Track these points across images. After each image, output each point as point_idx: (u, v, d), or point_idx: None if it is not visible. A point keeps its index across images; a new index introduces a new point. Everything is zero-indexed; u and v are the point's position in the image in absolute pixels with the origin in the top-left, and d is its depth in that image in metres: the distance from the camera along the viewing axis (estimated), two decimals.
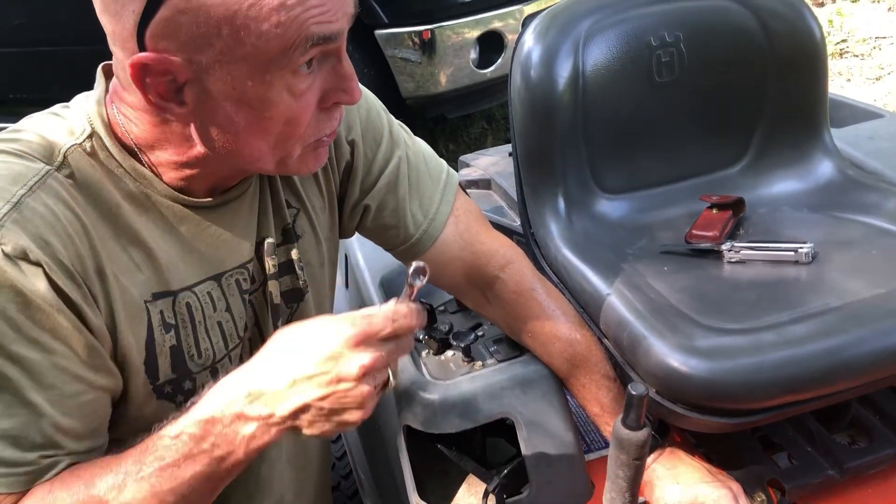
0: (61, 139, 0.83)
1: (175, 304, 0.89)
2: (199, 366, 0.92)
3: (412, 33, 3.33)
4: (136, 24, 0.73)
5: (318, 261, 1.06)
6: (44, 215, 0.77)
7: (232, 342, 0.95)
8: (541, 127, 1.29)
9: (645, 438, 0.85)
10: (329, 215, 1.06)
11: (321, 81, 0.81)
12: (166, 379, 0.89)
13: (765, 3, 1.33)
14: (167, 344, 0.88)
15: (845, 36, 4.72)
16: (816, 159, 1.37)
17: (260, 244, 0.97)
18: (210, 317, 0.93)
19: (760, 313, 1.05)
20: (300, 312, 1.04)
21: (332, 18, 0.76)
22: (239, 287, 0.95)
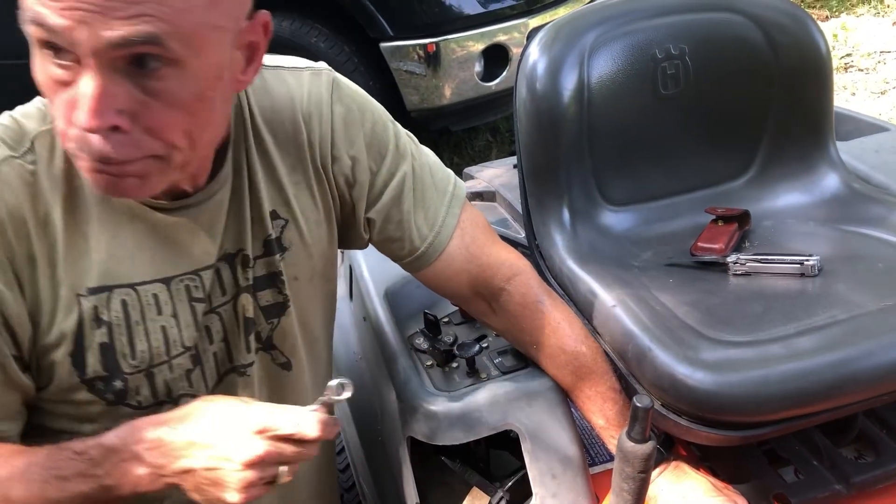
0: (33, 125, 0.86)
1: (110, 300, 0.89)
2: (133, 367, 0.91)
3: (417, 46, 3.34)
4: None
5: (307, 275, 1.04)
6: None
7: (175, 349, 0.93)
8: (546, 139, 1.29)
9: (650, 451, 0.84)
10: (326, 229, 1.04)
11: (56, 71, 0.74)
12: (95, 375, 0.89)
13: (771, 16, 1.34)
14: (97, 340, 0.89)
15: (850, 50, 4.72)
16: (822, 172, 1.36)
17: (234, 255, 0.96)
18: (152, 319, 0.91)
19: (766, 326, 1.05)
20: (282, 327, 1.02)
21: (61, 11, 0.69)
22: (188, 293, 0.93)
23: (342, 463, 1.62)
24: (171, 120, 0.77)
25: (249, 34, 0.82)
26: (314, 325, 1.08)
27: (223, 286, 0.96)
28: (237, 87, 0.86)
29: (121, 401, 0.92)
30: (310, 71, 1.02)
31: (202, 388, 0.98)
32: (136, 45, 0.71)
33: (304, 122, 0.99)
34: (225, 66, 0.80)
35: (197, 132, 0.81)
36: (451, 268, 1.10)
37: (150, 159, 0.79)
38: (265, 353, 1.02)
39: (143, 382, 0.92)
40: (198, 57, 0.75)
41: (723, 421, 0.99)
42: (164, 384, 0.94)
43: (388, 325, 1.27)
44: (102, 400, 0.91)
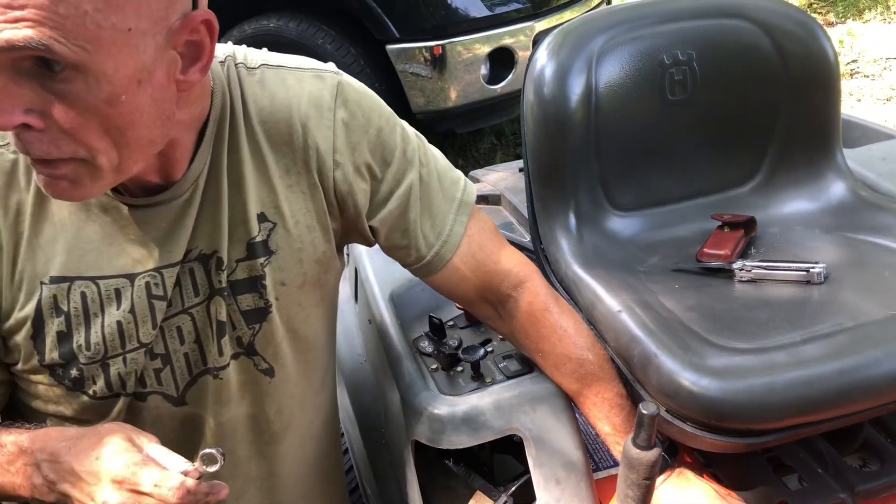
0: None
1: (70, 290, 0.91)
2: (88, 358, 0.93)
3: (423, 48, 3.34)
4: None
5: (297, 281, 1.01)
6: None
7: (130, 344, 0.94)
8: (553, 143, 1.29)
9: (655, 458, 0.84)
10: (320, 234, 1.01)
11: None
12: (53, 361, 0.92)
13: (779, 23, 1.34)
14: (55, 328, 0.91)
15: (856, 56, 4.72)
16: (829, 179, 1.36)
17: (209, 256, 0.95)
18: (110, 314, 0.92)
19: (772, 333, 1.04)
20: (264, 333, 1.00)
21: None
22: (148, 290, 0.93)
23: (345, 465, 1.62)
24: (84, 123, 0.76)
25: (185, 33, 0.79)
26: (306, 332, 1.06)
27: (196, 287, 0.95)
28: (182, 87, 0.83)
29: (78, 388, 0.94)
30: (313, 73, 1.00)
31: (172, 387, 0.98)
32: (23, 50, 0.70)
33: (300, 124, 0.96)
34: (149, 68, 0.77)
35: (119, 136, 0.79)
36: (457, 275, 1.09)
37: (77, 163, 0.79)
38: (247, 359, 1.01)
39: (98, 373, 0.94)
40: (104, 61, 0.73)
41: (728, 428, 0.98)
42: (118, 377, 0.94)
43: (392, 327, 1.27)
44: (62, 385, 0.94)
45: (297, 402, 1.08)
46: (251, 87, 0.96)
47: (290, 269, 1.00)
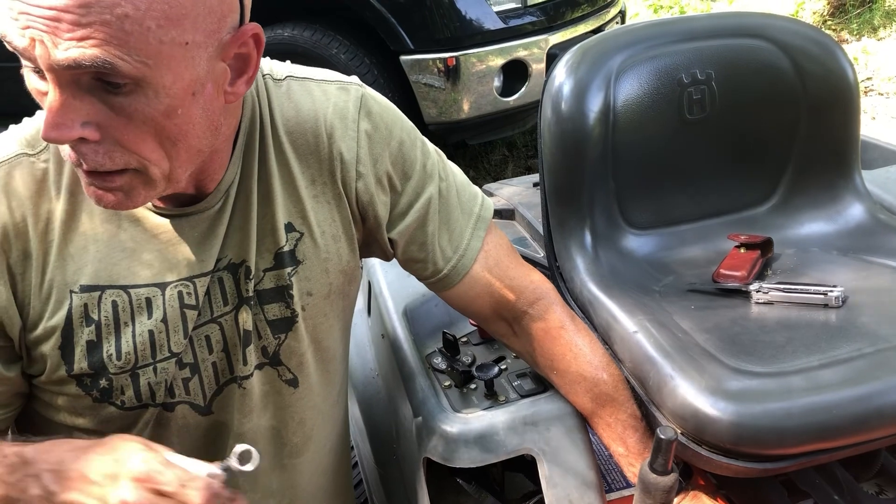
0: None
1: (101, 300, 0.90)
2: (118, 368, 0.92)
3: (437, 60, 3.35)
4: None
5: (323, 291, 1.02)
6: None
7: (161, 353, 0.93)
8: (570, 160, 1.28)
9: (672, 484, 0.84)
10: (345, 244, 1.03)
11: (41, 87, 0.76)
12: (81, 371, 0.91)
13: (799, 43, 1.33)
14: (85, 338, 0.90)
15: (871, 74, 4.70)
16: (847, 201, 1.35)
17: (238, 266, 0.95)
18: (141, 323, 0.92)
19: (789, 357, 1.03)
20: (289, 343, 1.00)
21: (11, 28, 0.71)
22: (180, 300, 0.93)
23: (355, 478, 1.62)
24: (140, 135, 0.78)
25: (235, 46, 0.81)
26: (329, 342, 1.07)
27: (225, 296, 0.96)
28: (229, 99, 0.85)
29: (106, 399, 0.93)
30: (338, 85, 1.01)
31: (200, 396, 0.98)
32: (89, 68, 0.71)
33: (326, 135, 0.98)
34: (202, 80, 0.79)
35: (171, 146, 0.80)
36: (473, 290, 1.09)
37: (131, 173, 0.80)
38: (271, 369, 1.01)
39: (128, 383, 0.93)
40: (163, 75, 0.75)
41: (743, 452, 0.97)
42: (147, 387, 0.94)
43: (406, 343, 1.27)
44: (88, 396, 0.93)
45: (318, 414, 1.08)
46: (278, 99, 0.97)
47: (317, 279, 1.01)
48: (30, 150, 0.88)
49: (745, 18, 1.39)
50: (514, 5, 3.46)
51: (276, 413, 1.04)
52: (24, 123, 0.92)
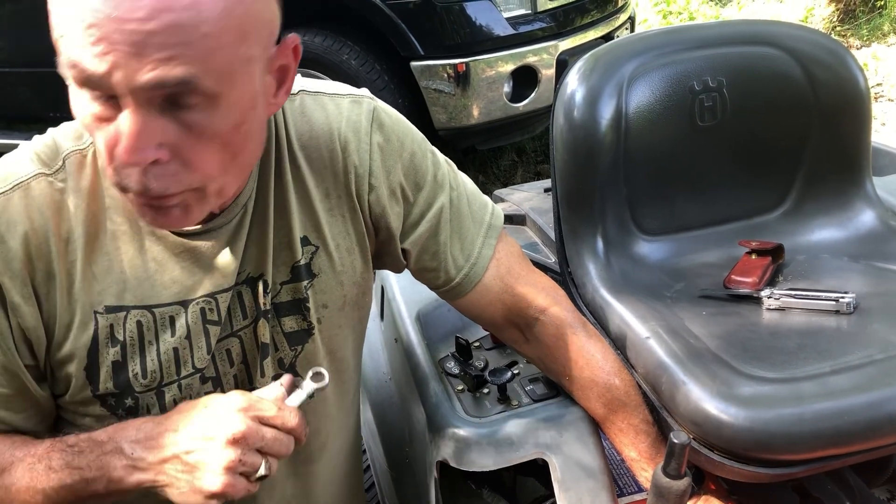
0: (67, 144, 0.89)
1: (126, 320, 0.90)
2: (144, 386, 0.92)
3: (447, 66, 3.36)
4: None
5: (338, 303, 1.03)
6: (10, 216, 0.85)
7: (185, 370, 0.94)
8: (582, 167, 1.29)
9: (685, 488, 0.84)
10: (359, 256, 1.04)
11: (96, 108, 0.76)
12: (107, 391, 0.91)
13: (810, 51, 1.34)
14: (110, 358, 0.90)
15: (880, 80, 4.70)
16: (858, 208, 1.36)
17: (256, 279, 0.96)
18: (165, 340, 0.92)
19: (801, 363, 1.04)
20: (305, 355, 1.02)
21: (86, 56, 0.71)
22: (203, 316, 0.94)
23: (367, 482, 1.62)
24: (210, 152, 0.79)
25: (279, 58, 0.83)
26: (344, 353, 1.08)
27: (244, 310, 0.97)
28: (270, 111, 0.87)
29: (132, 417, 0.93)
30: (350, 98, 1.02)
31: None
32: (170, 87, 0.72)
33: (340, 149, 0.99)
34: (259, 93, 0.81)
35: (231, 161, 0.82)
36: (485, 298, 1.10)
37: (189, 191, 0.81)
38: None
39: (153, 401, 0.94)
40: (232, 90, 0.76)
41: (755, 458, 0.98)
42: (172, 403, 0.94)
43: (419, 347, 1.28)
44: (114, 416, 0.93)
45: (332, 423, 1.09)
46: (292, 113, 0.98)
47: (332, 292, 1.02)
48: (46, 169, 0.88)
49: (756, 26, 1.40)
50: (523, 11, 3.47)
51: None
52: (35, 142, 0.91)
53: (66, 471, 0.85)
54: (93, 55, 0.70)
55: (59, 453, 0.86)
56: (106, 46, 0.69)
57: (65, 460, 0.85)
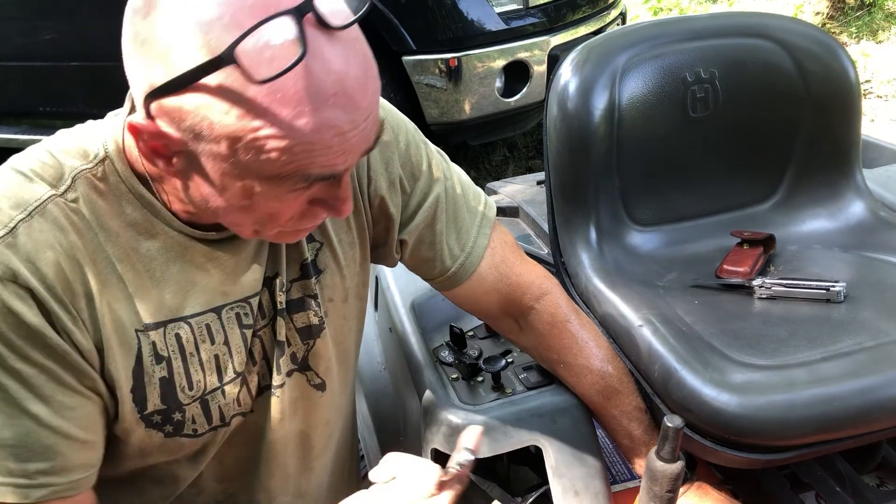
0: (73, 162, 0.85)
1: (166, 335, 0.88)
2: (190, 397, 0.91)
3: (439, 60, 3.36)
4: (145, 91, 0.73)
5: (341, 296, 1.04)
6: (37, 241, 0.80)
7: (227, 376, 0.94)
8: (575, 158, 1.30)
9: (679, 471, 0.85)
10: (359, 250, 1.05)
11: (313, 192, 0.80)
12: (155, 409, 0.89)
13: (801, 43, 1.35)
14: (157, 375, 0.88)
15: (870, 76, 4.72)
16: (848, 199, 1.37)
17: (272, 279, 0.97)
18: (206, 350, 0.91)
19: (792, 350, 1.05)
20: (316, 349, 1.02)
21: (339, 162, 0.75)
22: (239, 321, 0.94)
23: (362, 472, 1.63)
24: None
25: None
26: (348, 344, 1.09)
27: (263, 309, 0.97)
28: None
29: (178, 432, 0.92)
30: None
31: (248, 404, 0.98)
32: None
33: None
34: None
35: None
36: (481, 287, 1.10)
37: None
38: (300, 374, 1.02)
39: (199, 411, 0.93)
40: None
41: (747, 444, 0.99)
42: (217, 410, 0.94)
43: (413, 336, 1.28)
44: (160, 433, 0.91)
45: (339, 414, 1.10)
46: None
47: (336, 286, 1.03)
48: (54, 190, 0.83)
49: (747, 18, 1.41)
50: (515, 6, 3.48)
51: (304, 417, 1.05)
52: (29, 158, 0.86)
53: None
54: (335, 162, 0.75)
55: None
56: (349, 152, 0.76)
57: None
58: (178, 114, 0.71)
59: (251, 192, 0.77)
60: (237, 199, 0.78)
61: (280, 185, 0.75)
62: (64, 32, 3.72)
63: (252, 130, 0.70)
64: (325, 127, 0.71)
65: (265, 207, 0.79)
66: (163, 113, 0.73)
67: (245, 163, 0.73)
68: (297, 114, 0.70)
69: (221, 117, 0.70)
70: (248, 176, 0.75)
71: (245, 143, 0.71)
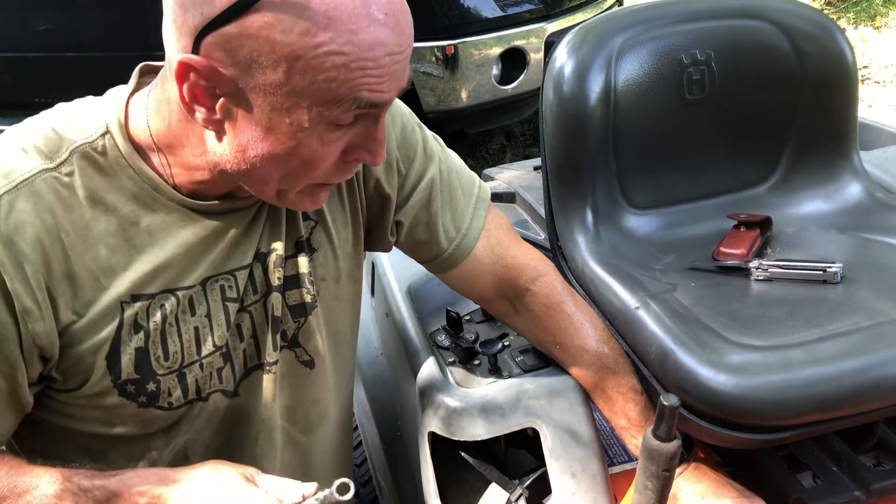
0: (73, 136, 0.85)
1: (150, 307, 0.89)
2: (165, 368, 0.91)
3: (435, 48, 3.35)
4: (198, 26, 0.74)
5: (333, 276, 1.04)
6: (18, 216, 0.80)
7: (206, 349, 0.94)
8: (571, 140, 1.29)
9: (675, 450, 0.85)
10: (352, 231, 1.05)
11: (352, 135, 0.83)
12: (128, 378, 0.89)
13: (798, 24, 1.34)
14: (133, 344, 0.88)
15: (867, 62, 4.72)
16: (845, 180, 1.37)
17: (267, 254, 0.97)
18: (186, 320, 0.92)
19: (789, 331, 1.05)
20: (307, 327, 1.02)
21: (386, 89, 0.78)
22: (222, 293, 0.94)
23: (359, 458, 1.63)
24: None
25: None
26: (340, 326, 1.09)
27: (255, 285, 0.97)
28: None
29: (152, 403, 0.92)
30: None
31: (231, 383, 0.99)
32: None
33: None
34: None
35: None
36: (476, 269, 1.10)
37: None
38: (289, 351, 1.03)
39: (175, 383, 0.93)
40: None
41: (744, 424, 0.99)
42: (194, 383, 0.94)
43: (410, 321, 1.28)
44: (133, 403, 0.91)
45: (331, 394, 1.10)
46: None
47: (329, 265, 1.03)
48: (49, 162, 0.83)
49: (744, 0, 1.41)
50: None
51: (292, 393, 1.05)
52: (28, 130, 0.87)
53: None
54: (383, 89, 0.78)
55: (72, 496, 0.83)
56: (394, 78, 0.78)
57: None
58: (237, 41, 0.73)
59: (298, 130, 0.78)
60: (282, 140, 0.79)
61: (330, 113, 0.77)
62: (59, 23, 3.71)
63: (313, 47, 0.73)
64: (379, 44, 0.75)
65: (307, 152, 0.81)
66: (217, 46, 0.74)
67: (300, 88, 0.75)
68: (355, 28, 0.73)
69: (283, 36, 0.72)
70: (300, 107, 0.76)
71: (304, 61, 0.73)
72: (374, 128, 0.83)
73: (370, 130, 0.83)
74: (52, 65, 3.82)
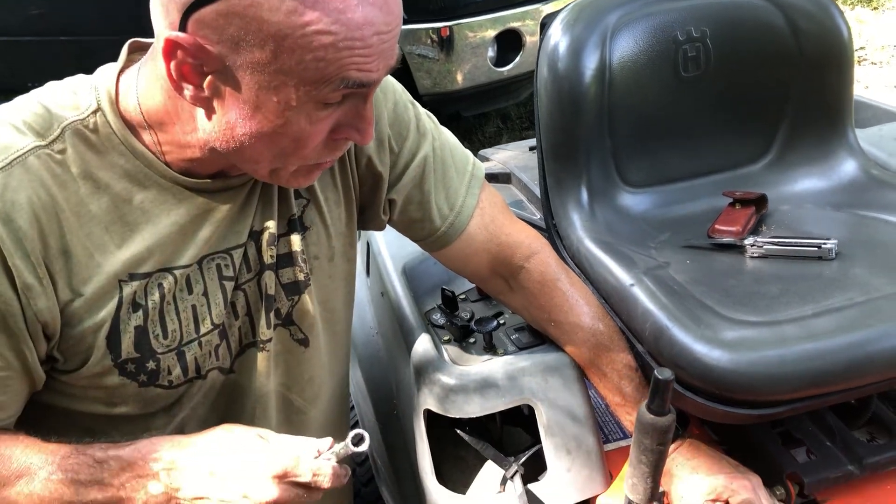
0: (64, 113, 0.85)
1: (148, 285, 0.89)
2: (165, 347, 0.91)
3: (430, 30, 3.34)
4: (186, 3, 0.73)
5: (326, 254, 1.04)
6: (13, 193, 0.80)
7: (204, 327, 0.94)
8: (566, 118, 1.29)
9: (669, 424, 0.85)
10: (345, 209, 1.05)
11: (340, 114, 0.83)
12: (128, 357, 0.90)
13: (794, 1, 1.33)
14: (133, 323, 0.89)
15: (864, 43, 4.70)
16: (840, 158, 1.37)
17: (260, 233, 0.97)
18: (184, 299, 0.92)
19: (783, 307, 1.05)
20: (301, 305, 1.03)
21: (373, 68, 0.77)
22: (219, 272, 0.94)
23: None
24: None
25: None
26: (334, 305, 1.09)
27: (249, 263, 0.97)
28: None
29: (153, 382, 0.92)
30: None
31: (227, 360, 0.99)
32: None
33: None
34: None
35: None
36: (470, 247, 1.10)
37: None
38: (284, 329, 1.03)
39: (174, 362, 0.93)
40: None
41: (739, 399, 0.99)
42: (193, 361, 0.94)
43: (405, 300, 1.28)
44: (134, 382, 0.91)
45: (326, 373, 1.10)
46: None
47: (322, 244, 1.03)
48: (41, 140, 0.83)
49: None
50: None
51: (287, 371, 1.05)
52: (19, 108, 0.86)
53: (97, 487, 0.83)
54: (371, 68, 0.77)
55: (87, 468, 0.83)
56: (382, 58, 0.78)
57: (94, 476, 0.83)
58: (225, 19, 0.73)
59: (286, 108, 0.78)
60: (270, 118, 0.79)
61: (318, 92, 0.77)
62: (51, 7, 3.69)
63: (301, 26, 0.72)
64: (367, 23, 0.74)
65: (295, 130, 0.80)
66: (205, 24, 0.74)
67: (287, 67, 0.74)
68: (343, 7, 0.72)
69: (271, 14, 0.71)
70: (287, 85, 0.76)
71: (292, 40, 0.73)
72: (362, 106, 0.83)
73: (359, 109, 0.83)
74: (46, 49, 3.80)
